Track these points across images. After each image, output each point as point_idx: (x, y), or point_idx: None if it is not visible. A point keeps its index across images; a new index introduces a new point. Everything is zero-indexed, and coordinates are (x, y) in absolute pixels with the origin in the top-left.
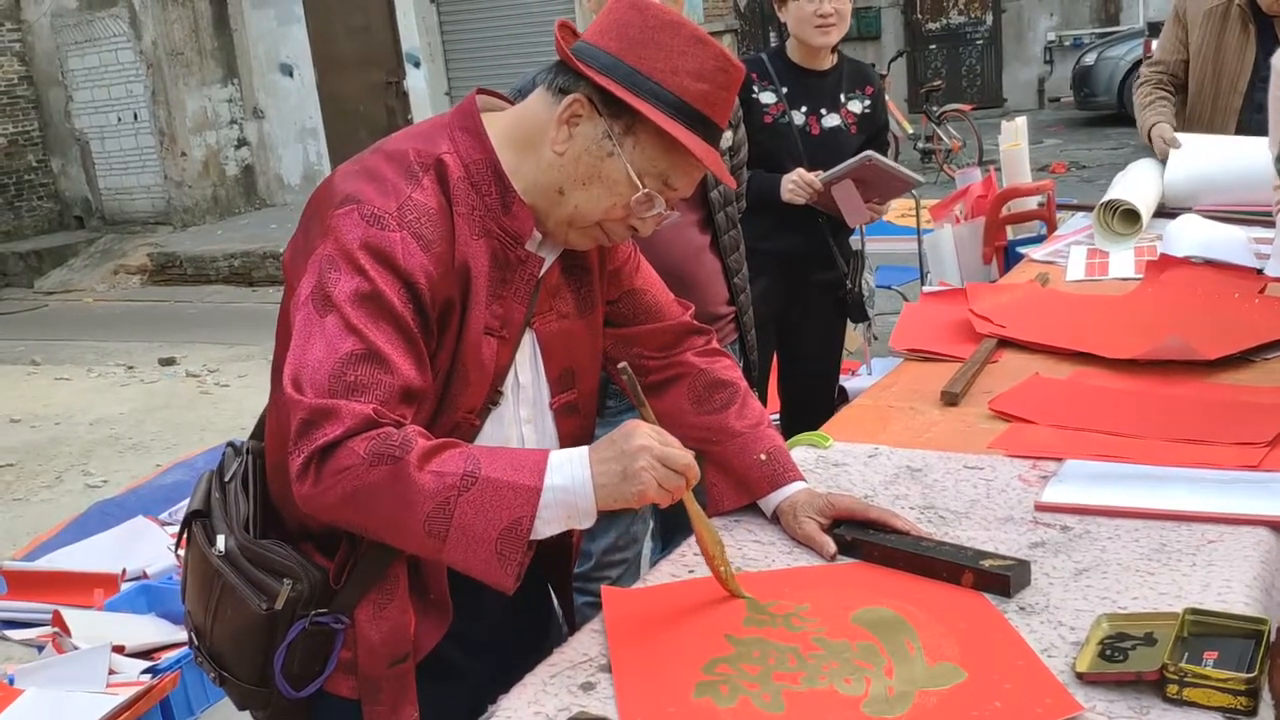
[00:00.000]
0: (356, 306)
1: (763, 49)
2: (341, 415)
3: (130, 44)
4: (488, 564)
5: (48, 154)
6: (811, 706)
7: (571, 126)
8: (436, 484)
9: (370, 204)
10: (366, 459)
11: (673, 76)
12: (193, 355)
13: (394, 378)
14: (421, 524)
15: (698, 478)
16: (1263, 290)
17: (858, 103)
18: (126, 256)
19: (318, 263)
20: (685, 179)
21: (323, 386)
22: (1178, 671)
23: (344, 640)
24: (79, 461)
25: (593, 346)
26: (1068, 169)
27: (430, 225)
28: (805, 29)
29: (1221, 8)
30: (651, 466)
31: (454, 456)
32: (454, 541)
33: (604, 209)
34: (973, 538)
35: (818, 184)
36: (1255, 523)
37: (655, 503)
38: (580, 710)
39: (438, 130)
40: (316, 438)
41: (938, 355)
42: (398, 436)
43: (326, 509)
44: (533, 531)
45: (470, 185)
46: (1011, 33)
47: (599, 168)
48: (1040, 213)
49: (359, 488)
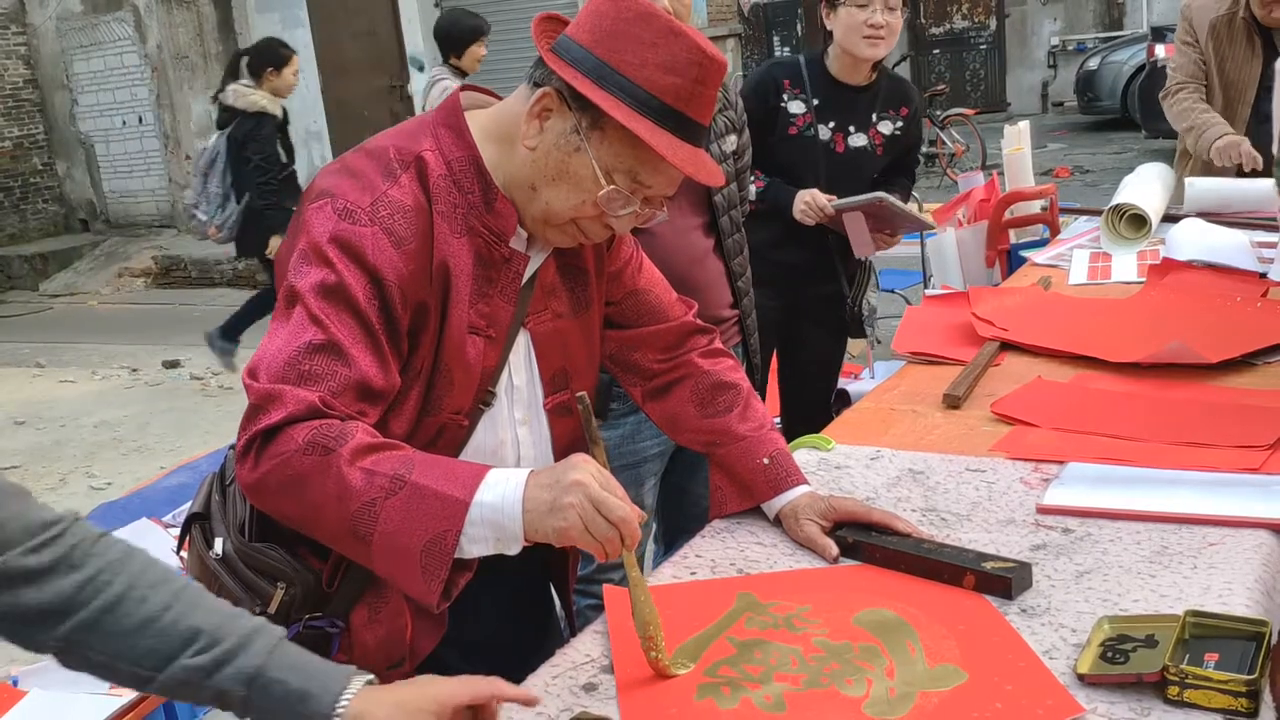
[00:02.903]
0: (320, 298)
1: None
2: (285, 400)
3: (135, 48)
4: (412, 577)
5: (53, 157)
6: (813, 708)
7: (542, 121)
8: (365, 483)
9: (343, 198)
10: (301, 446)
11: (641, 70)
12: (196, 358)
13: (350, 370)
14: (348, 523)
15: (636, 539)
16: (1265, 294)
17: (889, 124)
18: (131, 260)
19: (291, 258)
20: (657, 176)
21: (277, 373)
22: (1179, 673)
23: (339, 644)
24: (83, 464)
25: (589, 347)
26: (1071, 173)
27: (405, 222)
28: (853, 38)
29: (1225, 19)
30: (580, 505)
31: (390, 458)
32: (379, 547)
33: (573, 206)
34: (974, 540)
35: (829, 210)
36: (1256, 525)
37: (586, 550)
38: (582, 710)
39: (421, 128)
40: (260, 420)
41: (940, 358)
42: (336, 428)
43: (263, 496)
44: (459, 549)
45: (452, 182)
46: (1015, 37)
47: (567, 163)
48: (1043, 217)
49: (291, 475)
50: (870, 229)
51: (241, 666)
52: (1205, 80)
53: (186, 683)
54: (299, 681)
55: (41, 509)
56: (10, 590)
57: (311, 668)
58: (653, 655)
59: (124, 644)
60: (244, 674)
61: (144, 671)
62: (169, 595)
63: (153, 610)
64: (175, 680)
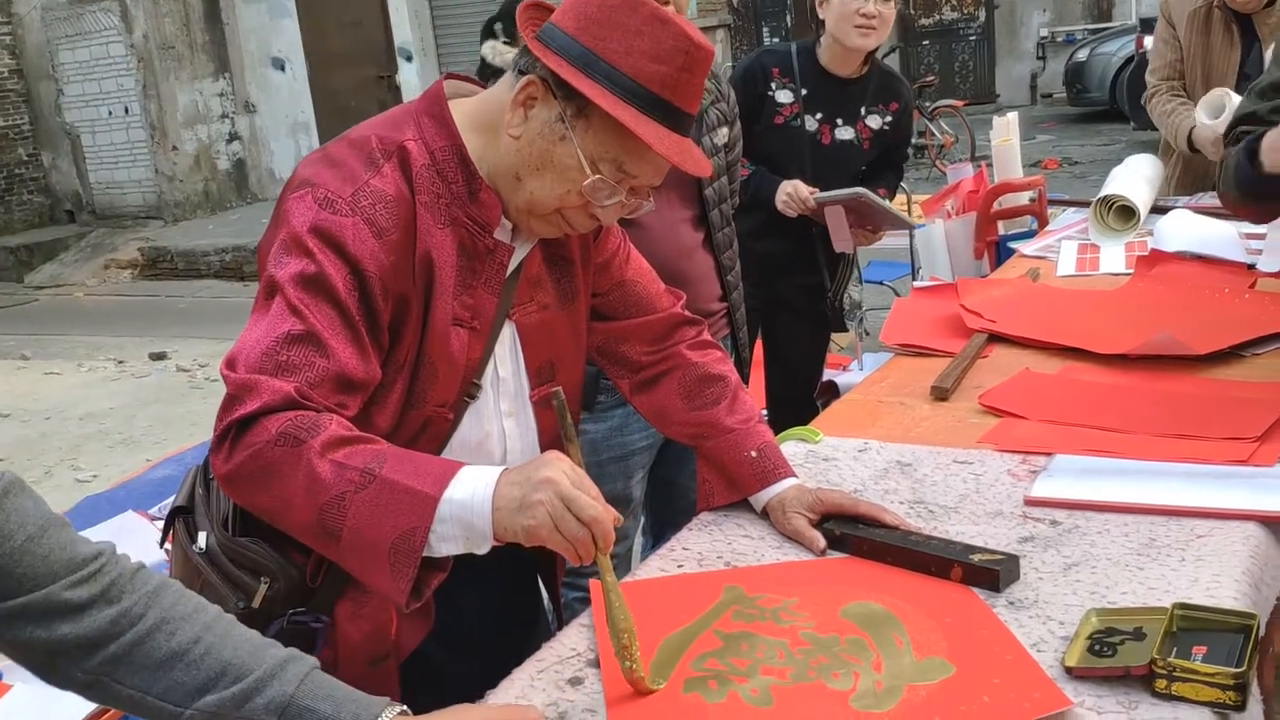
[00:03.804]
0: (300, 289)
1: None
2: (260, 390)
3: (121, 37)
4: (381, 574)
5: (38, 148)
6: (800, 701)
7: (527, 109)
8: (335, 476)
9: (324, 188)
10: (274, 437)
11: (627, 57)
12: (183, 350)
13: (329, 362)
14: (317, 517)
15: (610, 541)
16: (1253, 285)
17: (878, 118)
18: (117, 251)
19: (272, 248)
20: (644, 166)
21: (254, 364)
22: (1166, 666)
23: (324, 639)
24: (68, 456)
25: (575, 338)
26: (1060, 165)
27: (386, 213)
28: (844, 28)
29: (1203, 10)
30: (550, 503)
31: (362, 451)
32: (348, 543)
33: (558, 195)
34: (962, 532)
35: (810, 202)
36: (1244, 517)
37: (556, 550)
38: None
39: (404, 117)
40: (235, 411)
41: (928, 350)
42: (309, 419)
43: (237, 487)
44: (428, 547)
45: (435, 173)
46: (1004, 28)
47: (552, 152)
48: (1031, 208)
49: (263, 466)
50: (851, 224)
51: (272, 696)
52: (1182, 76)
53: (216, 715)
54: (330, 710)
55: (83, 541)
56: (47, 623)
57: (342, 696)
58: (627, 665)
59: (152, 677)
60: (274, 704)
61: (172, 706)
62: (199, 628)
63: (182, 643)
64: (205, 713)
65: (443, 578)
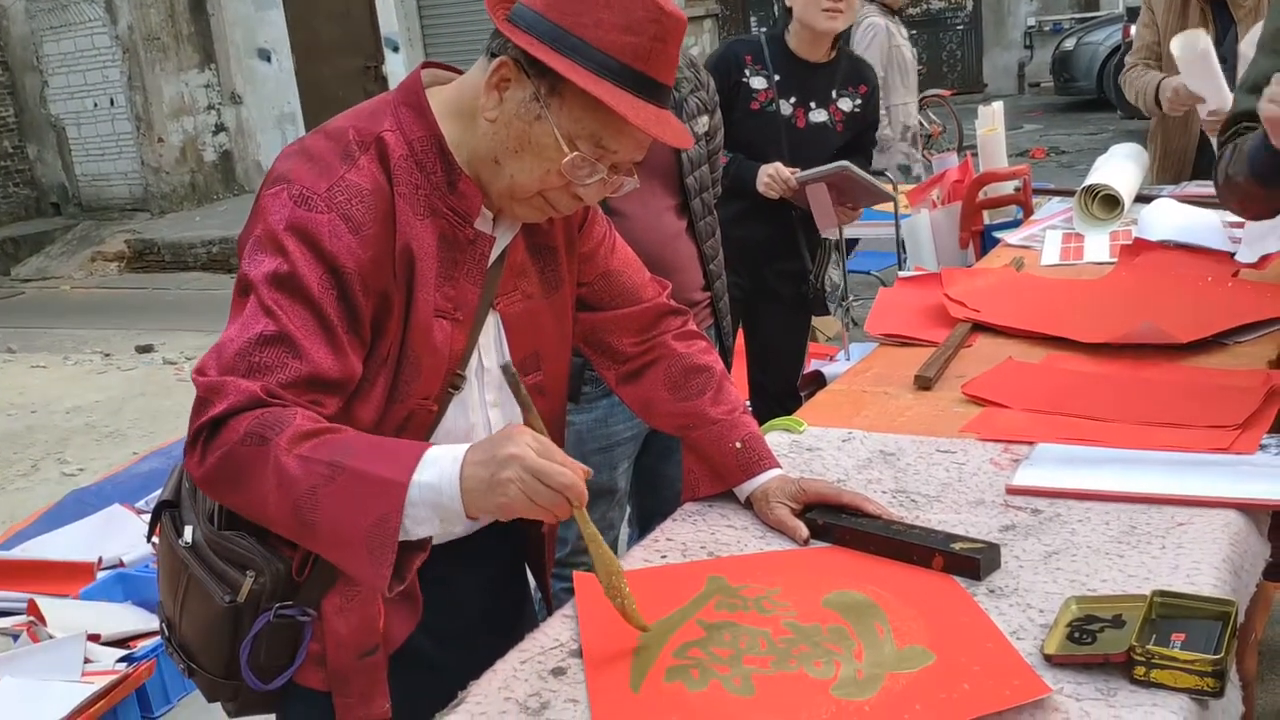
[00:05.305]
0: (273, 288)
1: (762, 30)
2: (227, 391)
3: (106, 29)
4: (360, 562)
5: (24, 140)
6: (781, 690)
7: (501, 91)
8: (303, 470)
9: (300, 184)
10: (241, 437)
11: (596, 30)
12: (170, 343)
13: (302, 363)
14: (292, 512)
15: (584, 499)
16: (1236, 274)
17: (849, 101)
18: (104, 243)
19: (247, 245)
20: (622, 140)
21: (226, 365)
22: (1145, 653)
23: (312, 632)
24: (55, 450)
25: (560, 327)
26: (1047, 154)
27: (363, 207)
28: (811, 12)
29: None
30: (519, 478)
31: (327, 443)
32: (324, 535)
33: (538, 177)
34: (944, 521)
35: (793, 182)
36: (1224, 505)
37: (535, 519)
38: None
39: (381, 108)
40: (205, 413)
41: (913, 340)
42: (273, 416)
43: (212, 489)
44: (403, 531)
45: (414, 163)
46: (991, 18)
47: (528, 133)
48: (1016, 198)
49: (235, 466)
50: (833, 202)
51: None
52: (1159, 59)
53: None
54: None
55: None
56: None
57: None
58: (618, 603)
59: None
60: None
61: None
62: None
63: None
64: None
65: (424, 557)
